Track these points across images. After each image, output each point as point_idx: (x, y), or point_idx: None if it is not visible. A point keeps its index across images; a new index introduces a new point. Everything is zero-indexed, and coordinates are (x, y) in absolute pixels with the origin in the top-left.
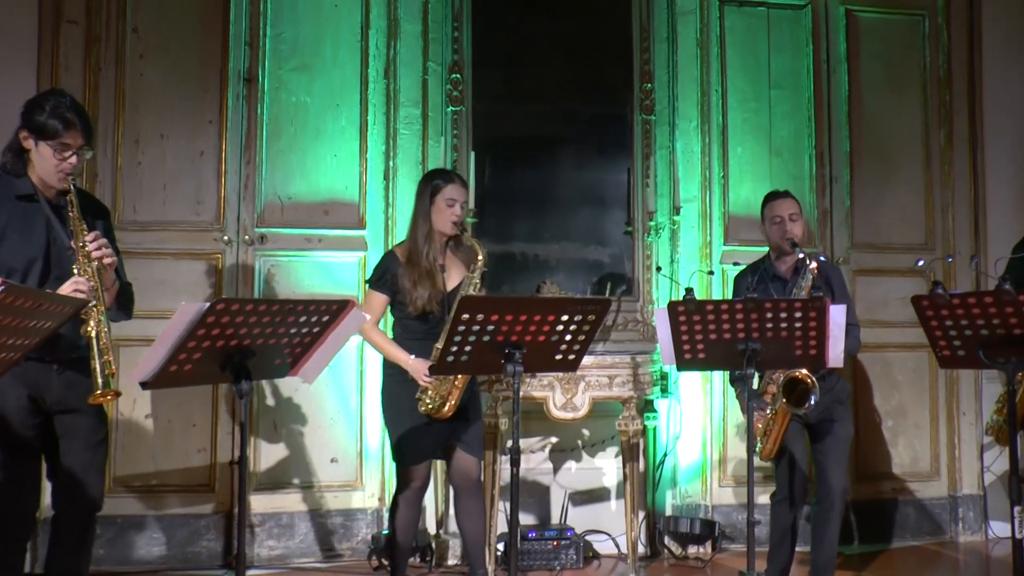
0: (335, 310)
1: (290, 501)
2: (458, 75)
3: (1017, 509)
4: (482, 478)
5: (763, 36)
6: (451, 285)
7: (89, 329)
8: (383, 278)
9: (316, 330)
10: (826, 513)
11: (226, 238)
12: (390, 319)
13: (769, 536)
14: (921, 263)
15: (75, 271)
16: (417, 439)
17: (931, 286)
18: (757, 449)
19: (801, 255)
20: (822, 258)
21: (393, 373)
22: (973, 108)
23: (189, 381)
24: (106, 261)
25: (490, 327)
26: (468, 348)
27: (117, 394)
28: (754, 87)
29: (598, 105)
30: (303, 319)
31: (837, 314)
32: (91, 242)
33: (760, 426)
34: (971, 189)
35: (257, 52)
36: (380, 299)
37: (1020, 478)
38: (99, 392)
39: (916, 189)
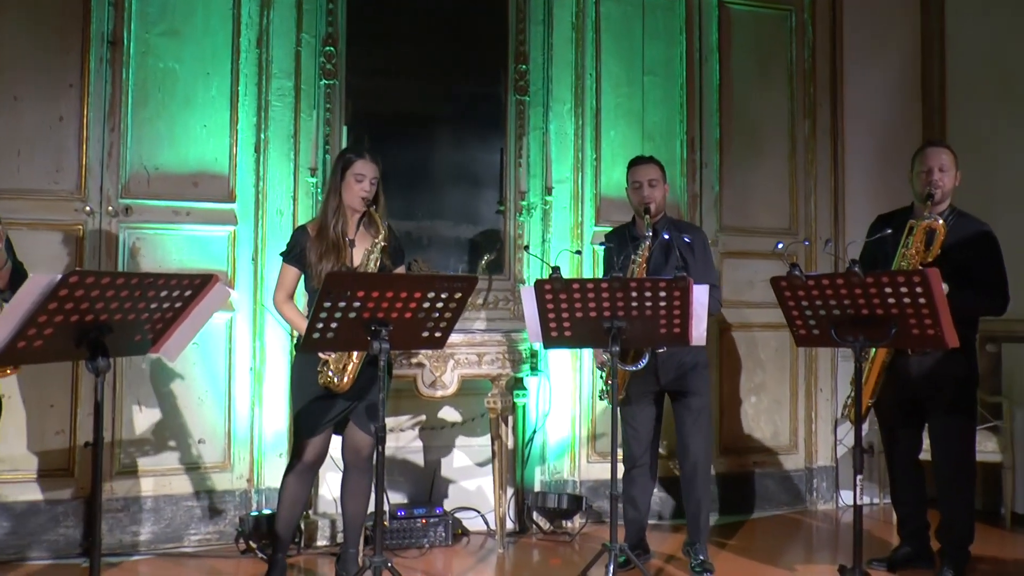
0: (198, 285)
1: (155, 484)
2: (332, 48)
3: (859, 478)
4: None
5: (638, 23)
6: (358, 260)
7: None
8: (293, 252)
9: (178, 305)
10: (691, 478)
11: (88, 209)
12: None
13: (623, 507)
14: (780, 246)
15: None
16: (314, 412)
17: (789, 268)
18: (602, 397)
19: (649, 232)
20: (665, 235)
21: None
22: (835, 102)
23: (40, 358)
24: None
25: (356, 304)
26: (334, 325)
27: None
28: (628, 72)
29: (473, 84)
30: (164, 294)
31: (700, 294)
32: None
33: (603, 374)
34: (832, 177)
35: (123, 13)
36: (291, 272)
37: (863, 449)
38: None
39: (781, 176)
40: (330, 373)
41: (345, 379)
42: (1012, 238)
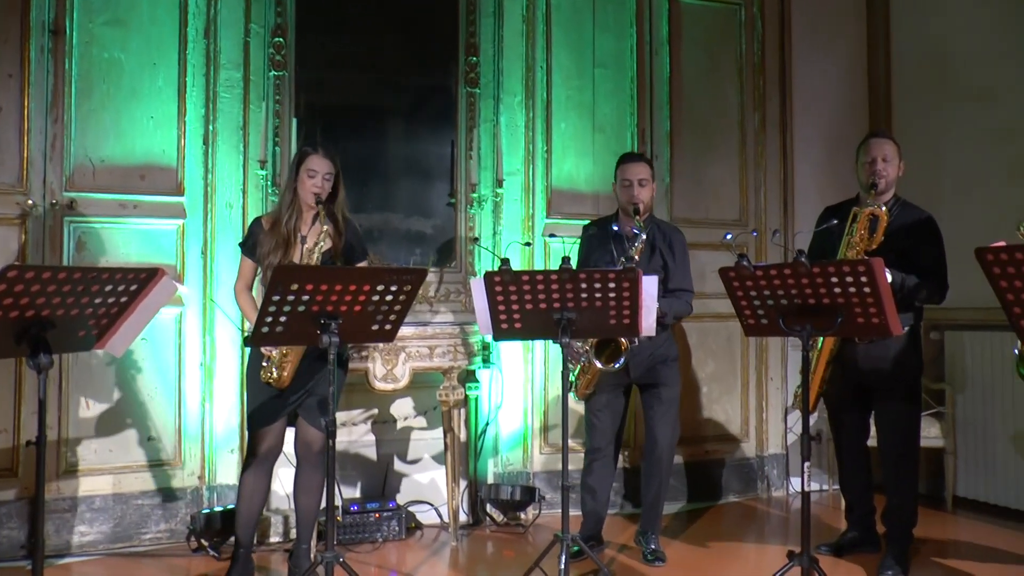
0: (143, 279)
1: (104, 483)
2: (281, 39)
3: (807, 465)
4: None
5: (588, 16)
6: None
7: None
8: (248, 243)
9: (123, 300)
10: (654, 468)
11: (30, 202)
12: None
13: (582, 498)
14: (729, 237)
15: None
16: (266, 404)
17: (737, 259)
18: (572, 390)
19: (644, 236)
20: (643, 235)
21: None
22: (784, 95)
23: None
24: None
25: (305, 297)
26: (283, 318)
27: None
28: (578, 65)
29: (424, 76)
30: (108, 288)
31: (649, 285)
32: None
33: (575, 369)
34: (781, 169)
35: (64, 2)
36: (247, 264)
37: (811, 437)
38: None
39: (732, 168)
40: (274, 369)
41: (284, 374)
42: (955, 228)
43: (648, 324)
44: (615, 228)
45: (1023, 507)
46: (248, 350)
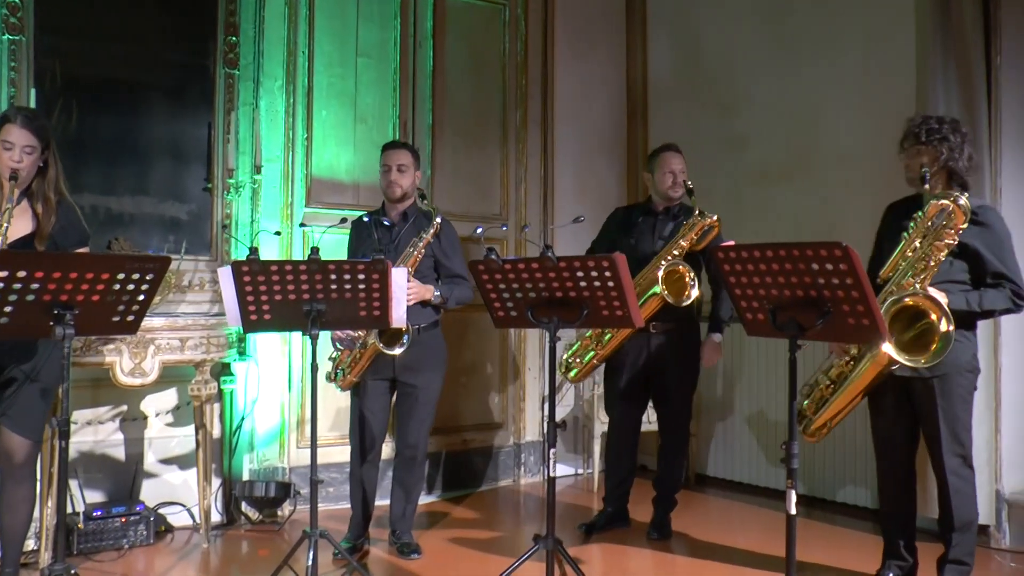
0: None
1: None
2: (17, 0)
3: (552, 451)
4: (36, 461)
5: (352, 4)
6: (13, 237)
7: None
8: None
9: None
10: (404, 467)
11: None
12: None
13: (349, 491)
14: (479, 231)
15: None
16: None
17: (486, 252)
18: (335, 380)
19: (387, 223)
20: (438, 219)
21: None
22: (546, 95)
23: None
24: None
25: (34, 285)
26: (9, 309)
27: None
28: (341, 53)
29: (182, 53)
30: None
31: (399, 276)
32: None
33: (346, 358)
34: (541, 166)
35: None
36: None
37: (557, 424)
38: None
39: (494, 163)
40: None
41: None
42: None
43: (399, 315)
44: (384, 219)
45: (755, 481)
46: None
